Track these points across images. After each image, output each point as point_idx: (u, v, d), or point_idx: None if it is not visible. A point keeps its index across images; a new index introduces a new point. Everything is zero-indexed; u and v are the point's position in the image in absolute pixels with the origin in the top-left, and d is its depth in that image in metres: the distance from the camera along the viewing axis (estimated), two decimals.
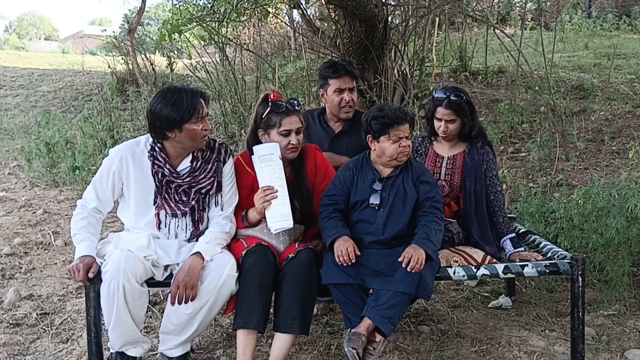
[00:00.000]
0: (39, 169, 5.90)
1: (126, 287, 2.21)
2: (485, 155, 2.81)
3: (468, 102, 2.80)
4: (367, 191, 2.52)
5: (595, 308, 3.04)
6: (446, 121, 2.77)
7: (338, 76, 3.04)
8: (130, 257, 2.25)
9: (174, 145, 2.41)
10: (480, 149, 2.82)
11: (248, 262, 2.36)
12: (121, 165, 2.42)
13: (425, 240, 2.35)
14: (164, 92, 2.37)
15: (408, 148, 2.50)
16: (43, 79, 12.37)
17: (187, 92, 2.35)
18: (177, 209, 2.45)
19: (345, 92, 3.03)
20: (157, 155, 2.42)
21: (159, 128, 2.35)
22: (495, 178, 2.80)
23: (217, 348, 2.71)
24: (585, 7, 13.01)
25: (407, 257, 2.28)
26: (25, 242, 4.13)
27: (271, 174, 2.44)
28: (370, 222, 2.49)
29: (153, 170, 2.42)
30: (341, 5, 4.90)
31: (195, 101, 2.34)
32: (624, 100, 6.33)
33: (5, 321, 2.94)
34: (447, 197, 2.79)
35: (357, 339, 2.21)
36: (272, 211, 2.43)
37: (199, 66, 8.34)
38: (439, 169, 2.85)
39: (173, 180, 2.43)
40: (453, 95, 2.76)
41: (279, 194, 2.43)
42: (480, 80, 7.28)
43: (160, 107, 2.32)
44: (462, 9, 6.57)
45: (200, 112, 2.35)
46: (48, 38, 47.94)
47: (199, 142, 2.42)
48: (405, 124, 2.47)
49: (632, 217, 3.01)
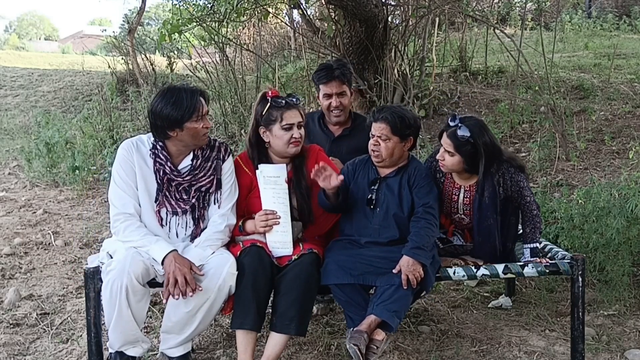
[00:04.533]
0: (39, 169, 5.89)
1: (129, 287, 2.20)
2: (504, 176, 2.50)
3: (474, 141, 2.44)
4: (364, 189, 2.54)
5: (595, 308, 3.04)
6: (445, 150, 2.49)
7: (325, 82, 3.02)
8: (135, 258, 2.25)
9: (175, 143, 2.42)
10: (495, 172, 2.50)
11: (242, 262, 2.36)
12: (129, 155, 2.43)
13: (417, 250, 2.34)
14: (164, 92, 2.38)
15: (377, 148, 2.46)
16: (43, 79, 12.36)
17: (187, 91, 2.37)
18: (178, 206, 2.45)
19: (333, 97, 3.01)
20: (158, 153, 2.44)
21: (161, 127, 2.37)
22: (524, 190, 2.53)
23: (217, 348, 2.71)
24: (585, 7, 13.01)
25: (404, 274, 2.28)
26: (25, 242, 4.13)
27: (275, 197, 2.45)
28: (366, 221, 2.51)
29: (155, 168, 2.43)
30: (341, 5, 4.91)
31: (195, 100, 2.35)
32: (624, 100, 6.33)
33: (5, 321, 2.94)
34: (466, 227, 2.67)
35: (360, 337, 2.22)
36: (273, 237, 2.46)
37: (199, 66, 8.34)
38: (456, 202, 2.62)
39: (174, 179, 2.44)
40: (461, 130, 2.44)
41: (281, 221, 2.44)
42: (480, 80, 7.28)
43: (161, 107, 2.33)
44: (462, 9, 6.57)
45: (201, 110, 2.37)
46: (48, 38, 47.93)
47: (201, 140, 2.43)
48: (379, 123, 2.45)
49: (633, 217, 3.01)
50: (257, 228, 2.48)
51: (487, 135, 2.46)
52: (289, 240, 2.45)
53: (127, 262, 2.22)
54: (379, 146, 2.46)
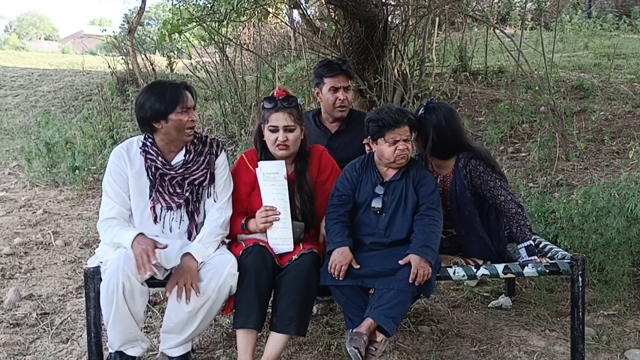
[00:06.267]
0: (39, 169, 5.89)
1: (126, 285, 2.21)
2: (471, 173, 2.55)
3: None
4: (370, 194, 2.51)
5: (595, 308, 3.04)
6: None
7: (333, 75, 3.02)
8: (129, 257, 2.26)
9: (162, 138, 2.45)
10: (463, 167, 2.57)
11: (245, 262, 2.37)
12: (119, 162, 2.47)
13: (424, 248, 2.32)
14: (149, 86, 2.48)
15: (407, 151, 2.43)
16: (43, 79, 12.36)
17: (171, 84, 2.46)
18: (172, 201, 2.47)
19: (340, 90, 3.02)
20: (148, 149, 2.47)
21: (146, 120, 2.41)
22: (495, 190, 2.54)
23: (217, 348, 2.71)
24: (585, 7, 13.02)
25: (414, 268, 2.27)
26: (25, 242, 4.13)
27: (275, 194, 2.46)
28: (372, 226, 2.48)
29: (146, 165, 2.46)
30: (341, 5, 4.91)
31: (178, 92, 2.40)
32: (624, 100, 6.33)
33: (5, 321, 2.94)
34: (447, 217, 2.63)
35: (359, 339, 2.22)
36: (274, 233, 2.46)
37: (199, 66, 8.34)
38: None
39: (166, 173, 2.46)
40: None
41: (281, 217, 2.45)
42: (480, 80, 7.28)
43: (145, 99, 2.40)
44: (462, 9, 6.57)
45: (185, 102, 2.40)
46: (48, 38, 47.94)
47: (186, 135, 2.45)
48: (403, 127, 2.42)
49: (632, 217, 3.01)
50: (257, 225, 2.48)
51: (442, 119, 2.55)
52: (289, 237, 2.45)
53: (121, 260, 2.24)
54: (406, 150, 2.43)
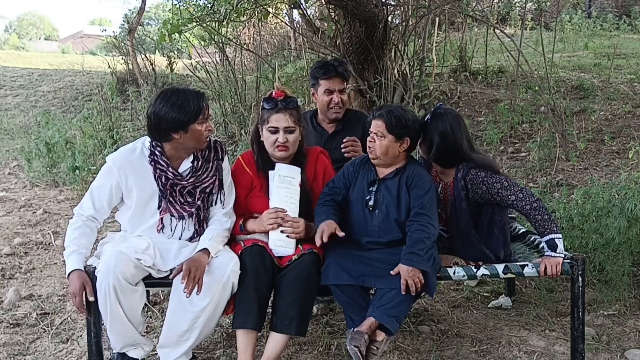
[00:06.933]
0: (39, 169, 5.90)
1: (117, 287, 2.20)
2: (472, 182, 2.50)
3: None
4: (364, 190, 2.52)
5: (595, 308, 3.04)
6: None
7: (328, 77, 3.01)
8: (120, 258, 2.24)
9: (175, 146, 2.39)
10: (462, 178, 2.52)
11: (244, 261, 2.36)
12: (120, 176, 2.39)
13: (410, 255, 2.30)
14: (167, 95, 2.33)
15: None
16: (43, 79, 12.36)
17: (192, 94, 2.35)
18: (184, 210, 2.43)
19: (335, 93, 3.01)
20: (158, 159, 2.39)
21: (164, 130, 2.33)
22: (503, 191, 2.46)
23: (217, 348, 2.71)
24: (585, 7, 13.02)
25: (403, 279, 2.26)
26: (25, 242, 4.14)
27: (287, 197, 2.46)
28: (365, 224, 2.49)
29: (156, 175, 2.39)
30: (341, 5, 4.91)
31: (201, 102, 2.34)
32: (624, 100, 6.34)
33: (5, 321, 2.94)
34: (445, 226, 2.63)
35: (360, 338, 2.21)
36: (277, 235, 2.45)
37: (199, 66, 8.35)
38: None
39: (177, 183, 2.41)
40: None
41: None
42: (480, 80, 7.28)
43: (167, 110, 2.29)
44: (462, 9, 6.58)
45: (206, 112, 2.36)
46: (48, 38, 47.94)
47: (202, 143, 2.42)
48: (376, 120, 2.44)
49: (632, 217, 3.01)
50: (264, 225, 2.46)
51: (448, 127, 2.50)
52: (292, 241, 2.45)
53: (111, 262, 2.22)
54: (374, 143, 2.46)
